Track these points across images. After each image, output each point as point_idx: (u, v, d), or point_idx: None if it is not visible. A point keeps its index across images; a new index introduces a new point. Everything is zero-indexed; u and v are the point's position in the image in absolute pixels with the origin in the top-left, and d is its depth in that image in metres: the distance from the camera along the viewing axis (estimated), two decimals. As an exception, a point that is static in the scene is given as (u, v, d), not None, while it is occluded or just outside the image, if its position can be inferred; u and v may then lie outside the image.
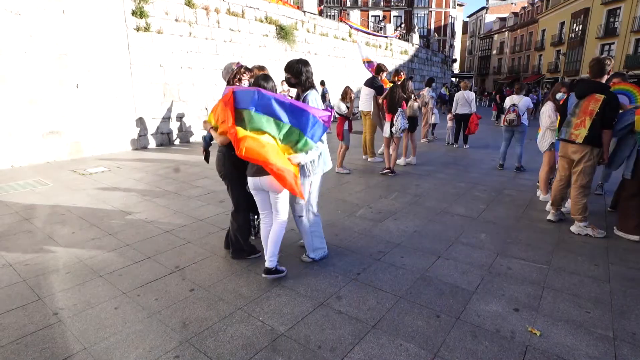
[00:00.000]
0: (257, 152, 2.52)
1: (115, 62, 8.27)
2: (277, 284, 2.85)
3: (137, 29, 8.60)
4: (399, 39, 22.61)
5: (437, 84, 12.25)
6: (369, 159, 7.64)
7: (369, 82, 7.29)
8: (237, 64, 3.20)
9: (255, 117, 2.60)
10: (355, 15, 21.14)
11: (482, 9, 53.60)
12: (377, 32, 20.84)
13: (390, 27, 22.19)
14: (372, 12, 35.30)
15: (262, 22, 12.00)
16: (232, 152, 2.80)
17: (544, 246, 3.61)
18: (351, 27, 17.18)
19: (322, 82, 12.82)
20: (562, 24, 33.64)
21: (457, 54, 48.63)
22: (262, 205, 2.89)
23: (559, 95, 4.76)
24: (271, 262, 2.84)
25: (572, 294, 2.75)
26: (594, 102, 3.62)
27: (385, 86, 7.35)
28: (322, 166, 3.02)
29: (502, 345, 2.19)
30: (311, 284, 2.87)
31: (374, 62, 9.36)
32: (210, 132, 3.11)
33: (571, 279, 2.98)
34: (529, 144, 7.39)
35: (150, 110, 9.13)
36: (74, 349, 2.14)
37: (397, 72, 7.32)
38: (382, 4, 36.41)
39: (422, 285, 2.87)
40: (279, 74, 8.40)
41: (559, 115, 4.30)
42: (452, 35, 40.64)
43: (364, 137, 7.69)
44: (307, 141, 2.68)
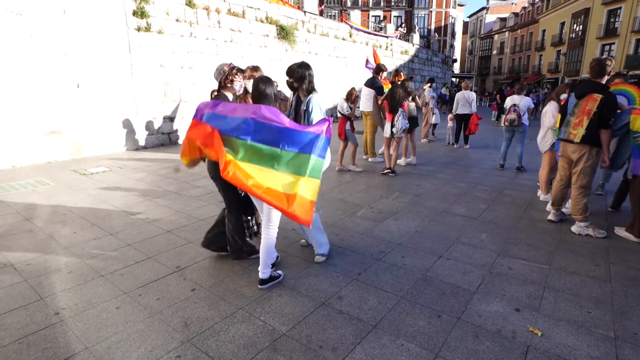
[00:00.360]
0: (242, 182, 2.41)
1: (116, 62, 8.28)
2: (278, 284, 2.85)
3: (138, 29, 8.61)
4: (400, 39, 22.61)
5: (437, 84, 12.23)
6: (370, 159, 7.64)
7: (369, 82, 7.31)
8: (229, 64, 3.11)
9: (250, 148, 2.46)
10: (355, 15, 21.15)
11: (483, 9, 53.62)
12: (378, 32, 20.83)
13: (390, 27, 22.19)
14: (372, 12, 35.31)
15: (262, 22, 12.00)
16: None
17: (545, 246, 3.61)
18: (352, 27, 17.19)
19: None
20: (563, 24, 33.64)
21: (457, 54, 48.62)
22: (261, 209, 2.82)
23: (563, 95, 4.76)
24: (264, 274, 2.79)
25: (573, 294, 2.75)
26: (592, 101, 3.62)
27: (385, 86, 7.37)
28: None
29: (503, 345, 2.20)
30: (312, 284, 2.87)
31: (371, 63, 9.41)
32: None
33: (572, 279, 2.98)
34: (529, 144, 7.39)
35: (151, 110, 9.14)
36: (75, 348, 2.14)
37: (397, 72, 7.33)
38: (382, 4, 36.41)
39: (423, 285, 2.87)
40: (279, 74, 8.42)
41: (559, 115, 4.30)
42: (453, 35, 40.64)
43: (365, 137, 7.70)
44: (318, 161, 2.52)
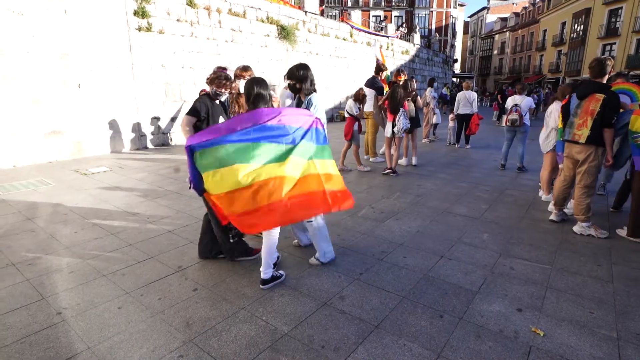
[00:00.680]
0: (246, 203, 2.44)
1: (117, 62, 8.29)
2: (280, 284, 2.85)
3: (139, 29, 8.62)
4: (400, 39, 22.61)
5: (438, 84, 12.23)
6: (370, 159, 7.64)
7: (370, 82, 7.30)
8: (220, 69, 3.03)
9: (254, 148, 2.47)
10: (356, 15, 21.16)
11: (483, 9, 53.58)
12: (378, 32, 20.83)
13: (391, 27, 22.18)
14: (373, 12, 35.30)
15: (263, 22, 12.01)
16: None
17: (547, 246, 3.60)
18: (352, 27, 17.19)
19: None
20: (564, 24, 33.60)
21: (458, 54, 48.61)
22: None
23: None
24: (266, 274, 2.79)
25: (575, 294, 2.75)
26: (595, 101, 3.62)
27: (385, 86, 7.37)
28: None
29: (505, 345, 2.19)
30: (314, 284, 2.87)
31: (379, 59, 9.41)
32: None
33: (574, 279, 2.98)
34: (530, 144, 7.38)
35: (152, 110, 9.14)
36: (77, 348, 2.14)
37: (398, 71, 7.32)
38: (383, 4, 36.41)
39: (425, 285, 2.87)
40: (280, 74, 8.40)
41: (560, 115, 4.29)
42: (453, 35, 40.61)
43: (366, 137, 7.69)
44: (325, 148, 2.75)
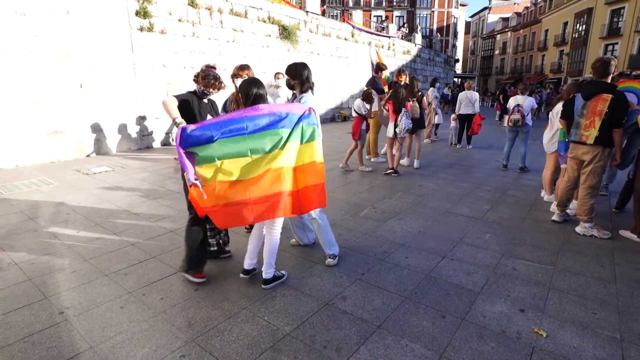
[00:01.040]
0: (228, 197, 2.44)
1: (119, 62, 8.30)
2: (281, 284, 2.85)
3: (141, 29, 8.63)
4: (402, 39, 22.58)
5: (439, 84, 12.19)
6: (372, 159, 7.63)
7: (370, 82, 7.30)
8: (209, 67, 2.85)
9: (249, 139, 2.46)
10: (357, 15, 21.15)
11: (485, 9, 53.51)
12: (380, 32, 20.81)
13: (392, 27, 22.15)
14: (374, 12, 35.30)
15: (265, 22, 12.01)
16: None
17: (549, 247, 3.59)
18: (354, 27, 17.17)
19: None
20: (565, 24, 33.53)
21: (459, 54, 48.57)
22: None
23: None
24: (268, 274, 2.78)
25: (578, 295, 2.74)
26: (602, 102, 3.60)
27: (384, 85, 7.37)
28: None
29: (508, 346, 2.19)
30: (316, 284, 2.87)
31: (374, 63, 9.38)
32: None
33: (577, 280, 2.97)
34: (532, 144, 7.37)
35: (153, 110, 9.14)
36: (80, 347, 2.14)
37: (399, 72, 7.30)
38: (384, 4, 36.40)
39: (427, 285, 2.86)
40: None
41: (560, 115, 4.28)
42: (455, 35, 40.58)
43: (368, 137, 7.68)
44: (315, 130, 2.68)
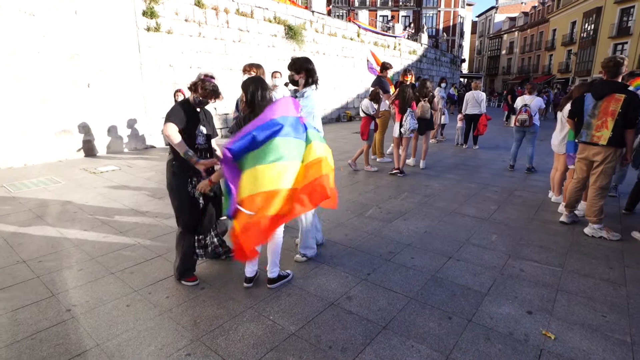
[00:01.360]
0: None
1: (126, 62, 8.36)
2: (287, 284, 2.84)
3: (148, 29, 8.68)
4: (408, 39, 22.49)
5: (446, 84, 12.06)
6: (378, 159, 7.61)
7: (376, 82, 7.27)
8: (207, 77, 2.67)
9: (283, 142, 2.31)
10: (363, 15, 21.10)
11: (492, 8, 53.11)
12: (386, 32, 20.75)
13: (398, 27, 22.07)
14: (380, 12, 35.19)
15: (270, 22, 12.03)
16: (174, 160, 2.67)
17: (557, 248, 3.55)
18: (360, 27, 17.14)
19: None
20: (574, 23, 33.18)
21: (466, 54, 48.26)
22: None
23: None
24: (273, 273, 2.78)
25: (587, 297, 2.70)
26: (615, 102, 3.54)
27: (390, 85, 7.34)
28: None
29: (515, 348, 2.16)
30: (321, 283, 2.86)
31: (372, 63, 9.36)
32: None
33: (586, 282, 2.93)
34: (539, 144, 7.29)
35: (159, 109, 9.20)
36: (87, 345, 2.15)
37: (405, 71, 7.26)
38: (390, 3, 36.27)
39: (433, 286, 2.84)
40: (288, 73, 8.45)
41: (569, 119, 4.23)
42: (461, 35, 40.31)
43: (374, 137, 7.66)
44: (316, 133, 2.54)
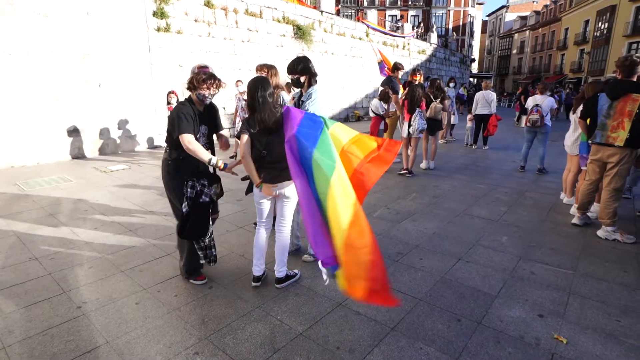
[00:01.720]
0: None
1: (136, 62, 8.45)
2: (294, 283, 2.84)
3: (158, 30, 8.76)
4: (417, 38, 22.35)
5: (456, 84, 11.87)
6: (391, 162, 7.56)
7: (386, 82, 7.23)
8: (201, 67, 2.61)
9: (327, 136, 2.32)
10: (372, 14, 21.01)
11: (502, 7, 52.51)
12: (395, 31, 20.64)
13: (407, 27, 21.95)
14: (389, 12, 35.04)
15: (279, 22, 12.05)
16: (170, 159, 2.58)
17: (569, 251, 3.49)
18: (368, 26, 17.08)
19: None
20: (587, 22, 32.60)
21: (475, 54, 47.81)
22: (265, 213, 2.74)
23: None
24: (280, 273, 2.77)
25: (600, 301, 2.65)
26: (632, 102, 3.47)
27: (399, 85, 7.29)
28: None
29: (526, 352, 2.13)
30: (329, 284, 2.84)
31: (383, 64, 9.29)
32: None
33: (599, 285, 2.87)
34: (551, 145, 7.18)
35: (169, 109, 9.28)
36: (97, 342, 2.18)
37: (414, 71, 7.21)
38: (399, 3, 36.10)
39: (442, 288, 2.81)
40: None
41: (580, 120, 4.15)
42: (471, 34, 39.96)
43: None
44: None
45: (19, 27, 6.69)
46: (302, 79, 3.03)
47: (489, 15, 57.69)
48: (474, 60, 42.42)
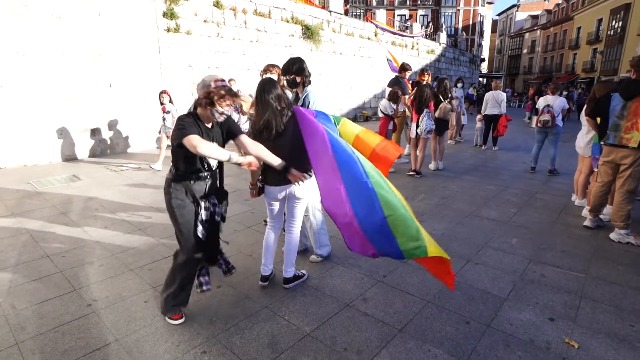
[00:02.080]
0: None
1: (146, 62, 8.53)
2: (302, 284, 2.84)
3: (168, 30, 8.84)
4: (426, 38, 22.21)
5: (464, 84, 11.72)
6: (395, 160, 7.53)
7: (393, 82, 7.19)
8: (217, 80, 2.19)
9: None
10: (381, 14, 20.88)
11: (513, 6, 51.86)
12: (403, 31, 20.52)
13: (416, 26, 21.81)
14: (398, 11, 34.86)
15: (288, 22, 12.07)
16: (173, 181, 2.24)
17: (581, 253, 3.43)
18: (377, 26, 17.02)
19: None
20: (600, 20, 32.05)
21: (485, 54, 47.32)
22: (275, 214, 2.76)
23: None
24: (288, 273, 2.77)
25: (613, 306, 2.59)
26: None
27: (408, 85, 7.26)
28: None
29: (536, 356, 2.10)
30: (337, 285, 2.85)
31: (392, 62, 9.24)
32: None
33: (611, 289, 2.82)
34: (562, 146, 7.07)
35: (179, 109, 9.33)
36: (106, 339, 2.20)
37: (422, 71, 7.15)
38: (408, 3, 35.90)
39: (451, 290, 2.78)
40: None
41: (589, 118, 4.08)
42: (481, 34, 39.57)
43: (392, 138, 7.59)
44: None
45: (33, 29, 6.81)
46: (297, 79, 3.05)
47: (499, 14, 57.07)
48: (483, 60, 42.02)
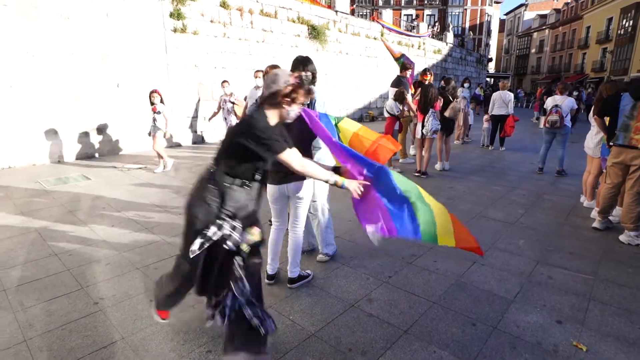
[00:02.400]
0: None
1: (153, 62, 8.60)
2: (307, 284, 2.84)
3: (174, 30, 8.90)
4: (432, 37, 22.10)
5: (471, 84, 11.63)
6: (400, 160, 7.51)
7: (395, 82, 7.16)
8: (294, 75, 1.84)
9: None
10: (387, 14, 20.82)
11: (521, 5, 51.42)
12: (410, 31, 20.44)
13: (423, 26, 21.71)
14: (404, 11, 34.74)
15: (294, 22, 12.09)
16: (213, 196, 1.84)
17: (590, 255, 3.39)
18: (383, 26, 16.97)
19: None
20: (610, 19, 31.65)
21: (492, 53, 46.96)
22: (279, 213, 2.77)
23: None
24: (293, 273, 2.77)
25: (622, 309, 2.56)
26: None
27: (410, 85, 7.23)
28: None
29: (544, 359, 2.07)
30: (342, 285, 2.84)
31: (409, 60, 9.16)
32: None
33: (621, 291, 2.78)
34: (570, 146, 6.99)
35: (185, 109, 9.42)
36: (113, 337, 2.22)
37: (424, 71, 7.10)
38: (415, 2, 35.75)
39: (457, 291, 2.77)
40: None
41: (596, 118, 4.03)
42: (488, 33, 39.29)
43: (398, 138, 7.57)
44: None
45: (42, 29, 6.89)
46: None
47: (507, 13, 56.65)
48: (491, 59, 41.70)
